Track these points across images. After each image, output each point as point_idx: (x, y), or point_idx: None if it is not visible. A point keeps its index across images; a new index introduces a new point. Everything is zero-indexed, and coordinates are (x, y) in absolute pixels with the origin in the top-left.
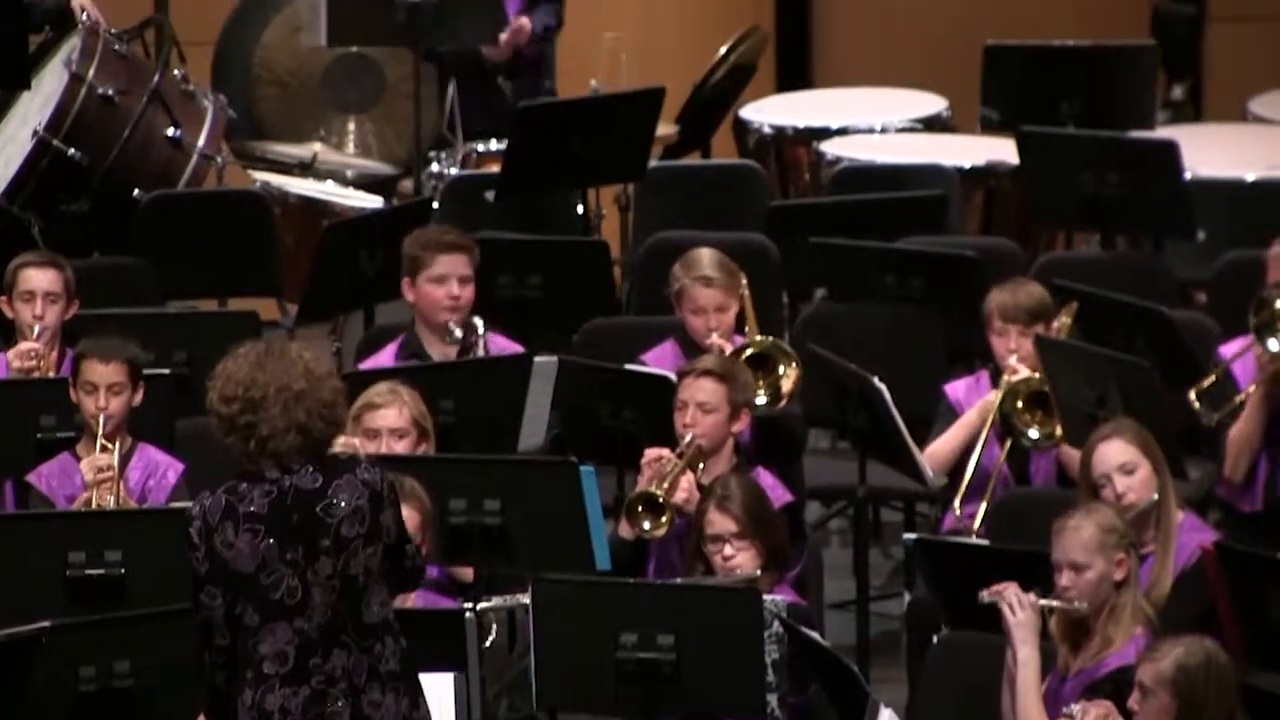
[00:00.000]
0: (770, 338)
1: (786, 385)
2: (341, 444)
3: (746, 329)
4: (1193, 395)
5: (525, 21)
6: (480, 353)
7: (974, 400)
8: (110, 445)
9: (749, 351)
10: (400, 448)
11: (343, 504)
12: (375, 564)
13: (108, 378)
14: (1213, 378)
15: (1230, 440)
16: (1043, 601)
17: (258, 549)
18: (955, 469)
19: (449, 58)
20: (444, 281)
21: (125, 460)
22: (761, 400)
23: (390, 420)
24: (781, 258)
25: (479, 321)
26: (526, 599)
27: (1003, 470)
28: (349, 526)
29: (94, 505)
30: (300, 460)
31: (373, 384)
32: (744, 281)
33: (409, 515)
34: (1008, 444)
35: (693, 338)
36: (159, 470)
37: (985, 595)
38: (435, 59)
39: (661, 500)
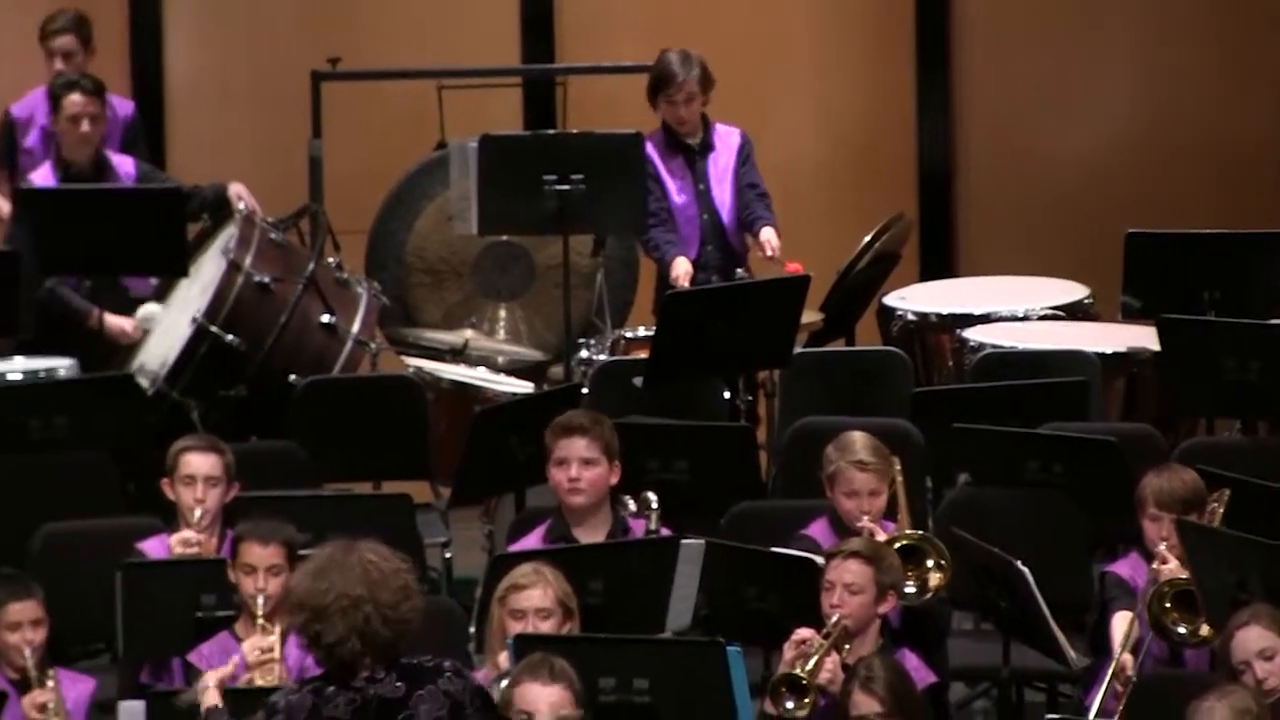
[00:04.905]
0: (921, 532)
1: (934, 580)
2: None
3: (899, 515)
4: None
5: (776, 239)
6: (651, 525)
7: (1138, 577)
8: (270, 626)
9: (900, 543)
10: (545, 628)
11: (423, 714)
12: None
13: (266, 559)
14: None
15: None
16: None
17: None
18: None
19: None
20: (564, 465)
21: (283, 639)
22: (910, 590)
23: (535, 600)
24: (925, 443)
25: (652, 496)
26: None
27: (1153, 650)
28: None
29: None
30: (370, 664)
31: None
32: (897, 467)
33: (559, 694)
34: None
35: (844, 520)
36: None
37: None
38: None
39: (805, 681)
